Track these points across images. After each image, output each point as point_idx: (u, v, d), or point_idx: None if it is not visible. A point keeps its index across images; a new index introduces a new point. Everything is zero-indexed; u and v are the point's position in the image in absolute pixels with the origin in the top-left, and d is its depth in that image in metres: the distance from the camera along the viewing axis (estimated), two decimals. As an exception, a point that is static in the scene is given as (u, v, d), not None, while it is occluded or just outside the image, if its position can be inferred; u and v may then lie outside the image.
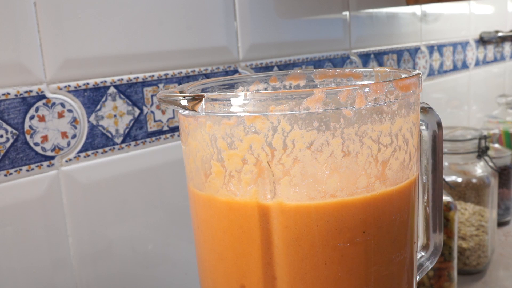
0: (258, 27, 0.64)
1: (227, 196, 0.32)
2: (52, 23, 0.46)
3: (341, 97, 0.29)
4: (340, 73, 0.42)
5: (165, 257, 0.57)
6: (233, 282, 0.33)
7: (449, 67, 1.08)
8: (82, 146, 0.49)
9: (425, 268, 0.40)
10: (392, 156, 0.32)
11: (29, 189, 0.46)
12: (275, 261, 0.31)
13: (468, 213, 0.71)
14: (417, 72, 0.34)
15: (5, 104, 0.44)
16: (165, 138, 0.56)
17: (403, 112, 0.32)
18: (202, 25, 0.58)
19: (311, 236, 0.31)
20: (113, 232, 0.52)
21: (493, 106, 1.15)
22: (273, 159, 0.30)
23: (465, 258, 0.70)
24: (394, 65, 0.90)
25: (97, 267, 0.51)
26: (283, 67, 0.68)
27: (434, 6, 1.01)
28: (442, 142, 0.38)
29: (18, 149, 0.45)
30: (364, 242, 0.31)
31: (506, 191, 0.86)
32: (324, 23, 0.74)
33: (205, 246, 0.35)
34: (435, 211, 0.39)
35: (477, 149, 0.72)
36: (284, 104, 0.29)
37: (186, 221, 0.50)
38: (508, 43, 1.33)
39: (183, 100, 0.31)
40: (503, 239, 0.81)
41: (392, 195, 0.32)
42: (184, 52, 0.56)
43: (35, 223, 0.47)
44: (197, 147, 0.33)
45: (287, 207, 0.31)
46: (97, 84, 0.50)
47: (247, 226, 0.31)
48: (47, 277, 0.48)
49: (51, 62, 0.47)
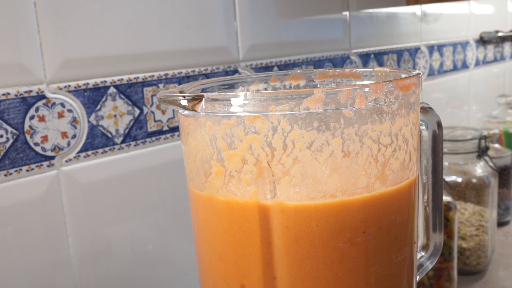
0: (258, 27, 0.64)
1: (227, 196, 0.32)
2: (52, 23, 0.46)
3: (341, 97, 0.29)
4: (340, 73, 0.42)
5: (165, 257, 0.57)
6: (233, 282, 0.33)
7: (449, 67, 1.08)
8: (82, 146, 0.49)
9: (425, 268, 0.40)
10: (392, 156, 0.32)
11: (29, 189, 0.46)
12: (275, 261, 0.31)
13: (468, 213, 0.71)
14: (417, 72, 0.34)
15: (5, 104, 0.44)
16: (165, 138, 0.56)
17: (403, 112, 0.32)
18: (202, 25, 0.58)
19: (311, 236, 0.31)
20: (113, 232, 0.52)
21: (493, 106, 1.15)
22: (273, 159, 0.30)
23: (465, 258, 0.70)
24: (394, 65, 0.90)
25: (97, 267, 0.51)
26: (283, 67, 0.68)
27: (434, 6, 1.01)
28: (442, 142, 0.38)
29: (18, 149, 0.45)
30: (364, 242, 0.31)
31: (506, 191, 0.86)
32: (324, 23, 0.74)
33: (205, 246, 0.35)
34: (435, 211, 0.39)
35: (477, 149, 0.72)
36: (284, 104, 0.29)
37: (186, 221, 0.49)
38: (508, 43, 1.33)
39: (183, 100, 0.31)
40: (503, 239, 0.81)
41: (392, 195, 0.32)
42: (184, 52, 0.56)
43: (35, 223, 0.47)
44: (197, 147, 0.33)
45: (287, 207, 0.31)
46: (97, 84, 0.50)
47: (247, 226, 0.32)
48: (47, 277, 0.48)
49: (51, 62, 0.47)
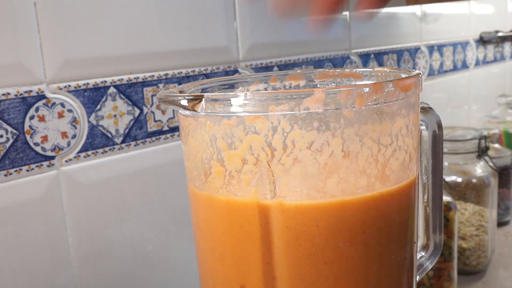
0: (258, 27, 0.64)
1: (227, 196, 0.32)
2: (52, 23, 0.46)
3: (341, 97, 0.29)
4: (340, 73, 0.42)
5: (165, 257, 0.57)
6: (233, 282, 0.33)
7: (449, 67, 1.08)
8: (82, 146, 0.49)
9: (425, 268, 0.40)
10: (392, 156, 0.32)
11: (29, 189, 0.46)
12: (275, 261, 0.31)
13: (468, 213, 0.71)
14: (417, 72, 0.34)
15: (5, 104, 0.44)
16: (165, 138, 0.56)
17: (403, 112, 0.32)
18: (202, 25, 0.58)
19: (311, 236, 0.31)
20: (113, 232, 0.52)
21: (493, 106, 1.15)
22: (273, 159, 0.30)
23: (465, 258, 0.70)
24: (394, 65, 0.90)
25: (97, 267, 0.51)
26: (283, 67, 0.68)
27: (434, 6, 1.01)
28: (442, 142, 0.38)
29: (18, 149, 0.45)
30: (364, 242, 0.31)
31: (506, 191, 0.86)
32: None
33: (205, 246, 0.35)
34: (435, 211, 0.39)
35: (477, 149, 0.72)
36: (284, 104, 0.29)
37: (186, 221, 0.49)
38: (508, 43, 1.33)
39: (183, 100, 0.31)
40: (503, 239, 0.81)
41: (392, 195, 0.32)
42: (184, 52, 0.56)
43: (35, 223, 0.47)
44: (197, 147, 0.33)
45: (287, 207, 0.31)
46: (97, 84, 0.50)
47: (247, 226, 0.31)
48: (47, 277, 0.48)
49: (51, 62, 0.46)
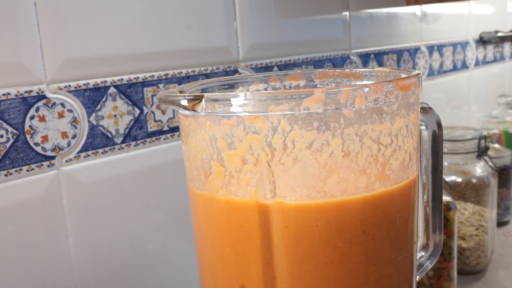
0: (258, 27, 0.64)
1: (227, 196, 0.32)
2: (52, 23, 0.46)
3: (341, 97, 0.29)
4: (340, 73, 0.42)
5: (165, 257, 0.57)
6: (233, 282, 0.33)
7: (449, 67, 1.08)
8: (82, 146, 0.49)
9: (425, 268, 0.40)
10: (392, 156, 0.32)
11: (29, 189, 0.46)
12: (275, 261, 0.31)
13: (468, 213, 0.71)
14: (417, 72, 0.34)
15: (6, 104, 0.44)
16: (165, 138, 0.56)
17: (403, 112, 0.32)
18: (202, 25, 0.58)
19: (311, 236, 0.31)
20: (113, 232, 0.52)
21: (493, 106, 1.15)
22: (273, 159, 0.30)
23: (465, 258, 0.70)
24: (394, 65, 0.90)
25: (97, 267, 0.51)
26: (283, 67, 0.68)
27: (434, 6, 1.01)
28: (442, 142, 0.38)
29: (18, 149, 0.45)
30: (364, 242, 0.32)
31: (506, 191, 0.86)
32: (324, 23, 0.74)
33: (205, 246, 0.35)
34: (435, 211, 0.39)
35: (477, 149, 0.72)
36: (284, 104, 0.29)
37: (186, 221, 0.50)
38: (508, 43, 1.33)
39: (183, 100, 0.31)
40: (503, 239, 0.81)
41: (392, 195, 0.32)
42: (184, 52, 0.56)
43: (35, 223, 0.47)
44: (197, 147, 0.33)
45: (287, 207, 0.31)
46: (97, 84, 0.50)
47: (247, 226, 0.32)
48: (47, 277, 0.48)
49: (51, 62, 0.47)
